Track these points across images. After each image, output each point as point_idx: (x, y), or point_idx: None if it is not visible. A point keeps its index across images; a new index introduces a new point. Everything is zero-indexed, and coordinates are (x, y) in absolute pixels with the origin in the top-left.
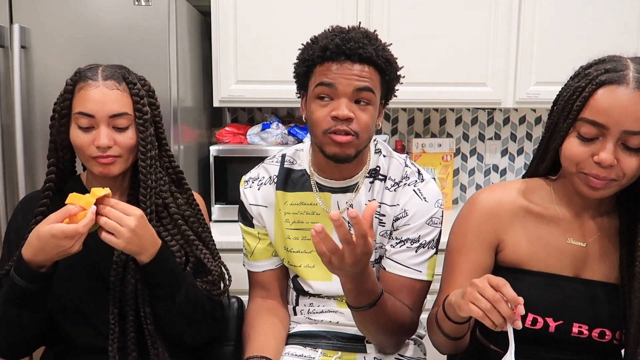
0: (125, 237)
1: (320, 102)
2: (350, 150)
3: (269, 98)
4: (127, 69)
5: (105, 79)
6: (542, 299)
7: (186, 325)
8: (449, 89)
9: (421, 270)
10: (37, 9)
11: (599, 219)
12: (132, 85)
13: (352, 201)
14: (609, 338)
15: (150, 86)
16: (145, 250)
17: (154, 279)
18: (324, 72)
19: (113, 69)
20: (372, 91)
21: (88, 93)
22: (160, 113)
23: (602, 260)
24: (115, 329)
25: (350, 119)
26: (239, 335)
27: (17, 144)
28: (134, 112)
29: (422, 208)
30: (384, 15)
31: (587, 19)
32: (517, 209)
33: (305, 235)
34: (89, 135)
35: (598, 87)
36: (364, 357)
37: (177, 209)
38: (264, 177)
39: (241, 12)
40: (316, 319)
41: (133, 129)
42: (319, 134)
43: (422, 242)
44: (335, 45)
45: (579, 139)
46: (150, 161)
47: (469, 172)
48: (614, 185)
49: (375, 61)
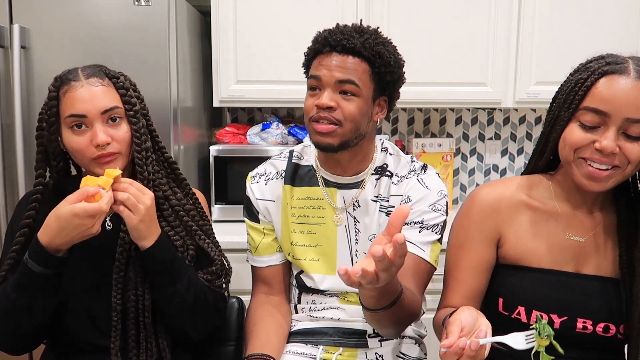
0: (142, 214)
1: (310, 92)
2: (332, 139)
3: (269, 98)
4: (105, 67)
5: (87, 77)
6: (545, 296)
7: (190, 315)
8: (449, 89)
9: (425, 250)
10: (37, 9)
11: (597, 214)
12: (116, 79)
13: (358, 197)
14: (614, 332)
15: (131, 80)
16: (150, 234)
17: (156, 265)
18: (314, 66)
19: (92, 68)
20: (354, 83)
21: (74, 94)
22: (146, 106)
23: (602, 255)
24: (117, 327)
25: (331, 107)
26: (239, 335)
27: (17, 144)
28: (123, 105)
29: (424, 194)
30: (384, 16)
31: (587, 19)
32: (517, 204)
33: (310, 230)
34: (85, 137)
35: (600, 76)
36: (366, 353)
37: (178, 202)
38: (271, 172)
39: (241, 12)
40: (318, 316)
41: (126, 123)
42: (307, 123)
43: (426, 225)
44: (324, 37)
45: (580, 127)
46: (146, 153)
47: (469, 172)
48: (616, 175)
49: (360, 52)
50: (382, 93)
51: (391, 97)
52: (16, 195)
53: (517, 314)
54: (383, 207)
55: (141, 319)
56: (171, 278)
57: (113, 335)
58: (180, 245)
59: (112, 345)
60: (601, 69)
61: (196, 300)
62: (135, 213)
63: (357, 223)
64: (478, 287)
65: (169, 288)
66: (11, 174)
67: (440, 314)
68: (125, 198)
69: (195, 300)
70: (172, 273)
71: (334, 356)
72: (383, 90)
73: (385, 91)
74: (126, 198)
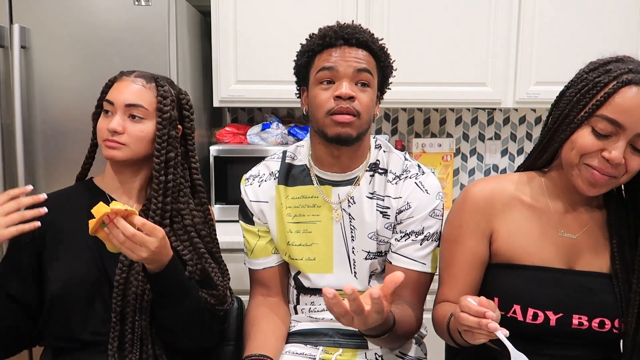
0: (143, 256)
1: (322, 86)
2: (352, 130)
3: (269, 98)
4: (170, 80)
5: (136, 77)
6: (540, 293)
7: (182, 333)
8: (449, 89)
9: (425, 263)
10: (37, 9)
11: (589, 211)
12: (160, 87)
13: (353, 193)
14: (609, 327)
15: (189, 101)
16: (157, 262)
17: (160, 288)
18: (324, 59)
19: (151, 74)
20: (370, 73)
21: (117, 85)
22: (193, 127)
23: (594, 251)
24: (116, 327)
25: (352, 97)
26: (239, 335)
27: (17, 144)
28: (155, 110)
29: (425, 200)
30: (384, 16)
31: (587, 19)
32: (510, 200)
33: (306, 229)
34: (106, 121)
35: (623, 85)
36: (365, 354)
37: (191, 221)
38: (264, 173)
39: (241, 12)
40: (317, 316)
41: (149, 124)
42: (321, 117)
43: (427, 234)
44: (334, 32)
45: (592, 134)
46: (167, 162)
47: (469, 172)
48: (612, 183)
49: (371, 46)
50: (380, 89)
51: (382, 94)
52: None
53: (513, 312)
54: (379, 206)
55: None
56: (174, 299)
57: (111, 337)
58: (189, 259)
59: (110, 346)
60: (624, 78)
61: (192, 321)
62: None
63: (353, 220)
64: (473, 280)
65: (168, 308)
66: (11, 174)
67: (440, 311)
68: (121, 241)
69: (192, 321)
70: (175, 295)
71: (334, 357)
72: (381, 85)
73: (382, 87)
74: (122, 242)
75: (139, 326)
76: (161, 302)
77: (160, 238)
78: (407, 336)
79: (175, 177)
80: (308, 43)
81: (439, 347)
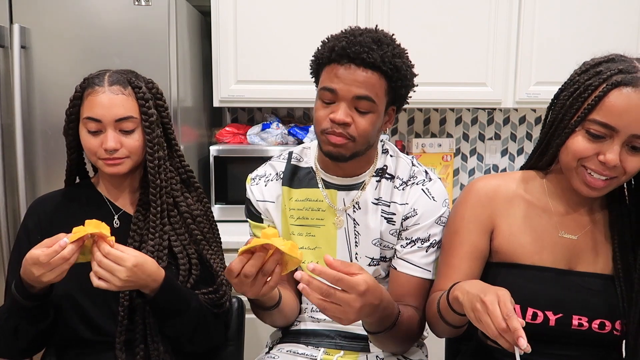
0: (117, 285)
1: (323, 103)
2: (344, 151)
3: (269, 98)
4: (135, 73)
5: (111, 85)
6: (540, 293)
7: (187, 341)
8: (449, 89)
9: (430, 270)
10: (37, 9)
11: (589, 212)
12: (138, 89)
13: (359, 199)
14: (609, 329)
15: (158, 89)
16: (144, 287)
17: (159, 308)
18: (328, 75)
19: (119, 74)
20: (371, 100)
21: (95, 99)
22: (169, 114)
23: (594, 252)
24: (123, 322)
25: (346, 124)
26: (239, 335)
27: (17, 144)
28: (140, 115)
29: (431, 207)
30: (384, 16)
31: (587, 19)
32: (512, 197)
33: (309, 232)
34: (98, 139)
35: (613, 87)
36: (367, 356)
37: (187, 208)
38: (270, 174)
39: (241, 12)
40: (319, 317)
41: (139, 131)
42: (318, 132)
43: (432, 242)
44: (341, 47)
45: (586, 137)
46: (159, 161)
47: (469, 172)
48: (613, 184)
49: (380, 67)
50: (393, 103)
51: (400, 106)
52: (16, 196)
53: None
54: (384, 212)
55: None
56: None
57: (118, 331)
58: (179, 252)
59: (117, 339)
60: (614, 80)
61: (197, 328)
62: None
63: (357, 225)
64: (471, 273)
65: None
66: (11, 174)
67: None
68: (95, 270)
69: (197, 328)
70: (177, 311)
71: (335, 358)
72: (394, 101)
73: (396, 102)
74: (95, 271)
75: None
76: (162, 318)
77: (130, 267)
78: (409, 338)
79: (166, 171)
80: (319, 51)
81: (439, 349)
